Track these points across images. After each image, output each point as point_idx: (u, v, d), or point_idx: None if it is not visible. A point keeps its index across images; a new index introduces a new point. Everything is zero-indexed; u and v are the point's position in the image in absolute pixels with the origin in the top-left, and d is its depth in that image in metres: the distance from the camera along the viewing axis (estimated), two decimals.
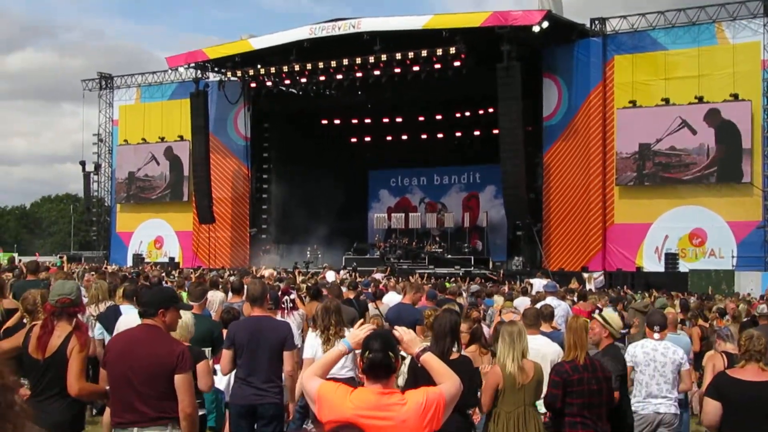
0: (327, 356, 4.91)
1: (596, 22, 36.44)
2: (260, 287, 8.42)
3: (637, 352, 8.82)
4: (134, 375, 5.77)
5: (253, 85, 41.87)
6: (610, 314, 8.47)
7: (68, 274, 16.34)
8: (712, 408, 6.41)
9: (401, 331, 4.75)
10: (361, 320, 5.55)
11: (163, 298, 6.18)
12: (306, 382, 4.69)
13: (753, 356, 6.57)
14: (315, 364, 4.92)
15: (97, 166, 49.97)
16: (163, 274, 23.70)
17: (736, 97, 33.13)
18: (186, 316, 7.52)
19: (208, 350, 7.94)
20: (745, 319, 15.09)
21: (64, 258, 30.99)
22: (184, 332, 7.38)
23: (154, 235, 47.54)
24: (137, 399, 5.76)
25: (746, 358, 6.62)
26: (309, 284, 15.92)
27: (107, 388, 6.07)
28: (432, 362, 4.66)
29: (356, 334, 4.75)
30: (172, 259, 44.83)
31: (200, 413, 6.88)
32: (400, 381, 6.90)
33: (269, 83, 40.86)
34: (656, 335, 8.88)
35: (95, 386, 6.59)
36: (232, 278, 18.35)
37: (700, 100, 33.74)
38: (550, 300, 14.02)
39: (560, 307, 13.86)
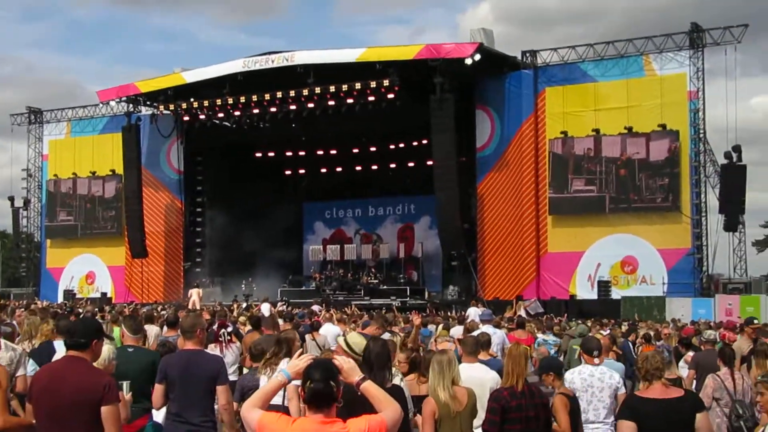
0: (266, 387, 4.88)
1: (527, 54, 36.98)
2: (191, 320, 8.27)
3: (574, 378, 8.90)
4: (60, 408, 5.68)
5: (186, 118, 41.60)
6: (354, 338, 7.67)
7: None
8: (628, 429, 6.53)
9: (341, 360, 4.75)
10: (300, 350, 5.53)
11: (95, 329, 6.13)
12: (246, 413, 4.65)
13: (654, 375, 6.79)
14: (254, 395, 4.87)
15: (27, 202, 49.27)
16: (96, 309, 23.34)
17: (664, 127, 33.85)
18: (106, 349, 7.31)
19: (126, 383, 7.73)
20: (676, 345, 15.36)
21: None
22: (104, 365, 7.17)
23: (85, 271, 46.87)
24: None
25: (648, 378, 6.83)
26: (245, 316, 15.82)
27: (33, 421, 5.96)
28: (372, 390, 4.66)
29: (296, 364, 4.73)
30: (104, 294, 44.21)
31: None
32: None
33: (202, 116, 40.57)
34: (596, 360, 8.99)
35: (20, 419, 6.47)
36: (163, 312, 18.16)
37: (630, 130, 34.38)
38: (486, 328, 14.11)
39: (496, 335, 13.94)
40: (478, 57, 33.98)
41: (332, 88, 35.59)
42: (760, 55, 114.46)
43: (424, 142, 37.98)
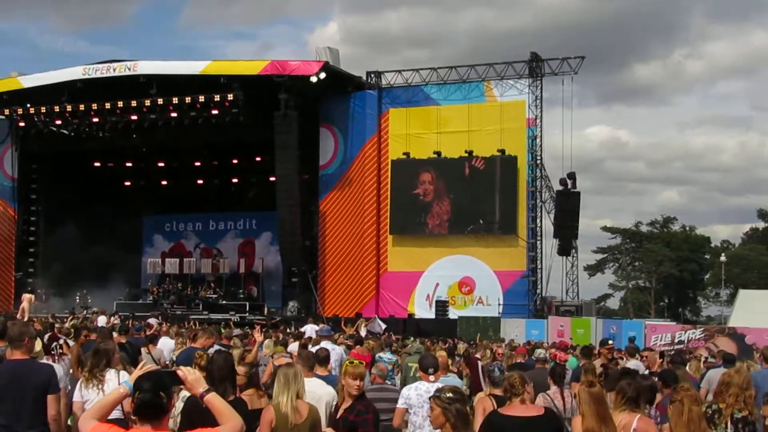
0: (106, 398, 4.80)
1: (372, 75, 37.46)
2: (18, 328, 8.00)
3: (411, 394, 9.05)
4: None
5: (21, 124, 40.15)
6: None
7: None
8: None
9: (185, 371, 4.72)
10: (143, 362, 5.48)
11: None
12: (81, 424, 4.57)
13: (512, 392, 7.05)
14: (94, 405, 4.80)
15: None
16: None
17: (503, 152, 34.80)
18: None
19: None
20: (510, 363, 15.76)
21: None
22: None
23: None
24: None
25: (509, 396, 7.09)
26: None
27: None
28: (216, 402, 4.64)
29: (137, 375, 4.68)
30: None
31: None
32: (171, 424, 6.79)
33: (39, 123, 39.31)
34: (432, 377, 9.19)
35: None
36: None
37: (470, 154, 35.21)
38: (325, 344, 14.19)
39: (335, 351, 14.03)
40: (323, 75, 34.25)
41: (175, 100, 35.12)
42: (595, 87, 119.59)
43: (267, 158, 37.87)
